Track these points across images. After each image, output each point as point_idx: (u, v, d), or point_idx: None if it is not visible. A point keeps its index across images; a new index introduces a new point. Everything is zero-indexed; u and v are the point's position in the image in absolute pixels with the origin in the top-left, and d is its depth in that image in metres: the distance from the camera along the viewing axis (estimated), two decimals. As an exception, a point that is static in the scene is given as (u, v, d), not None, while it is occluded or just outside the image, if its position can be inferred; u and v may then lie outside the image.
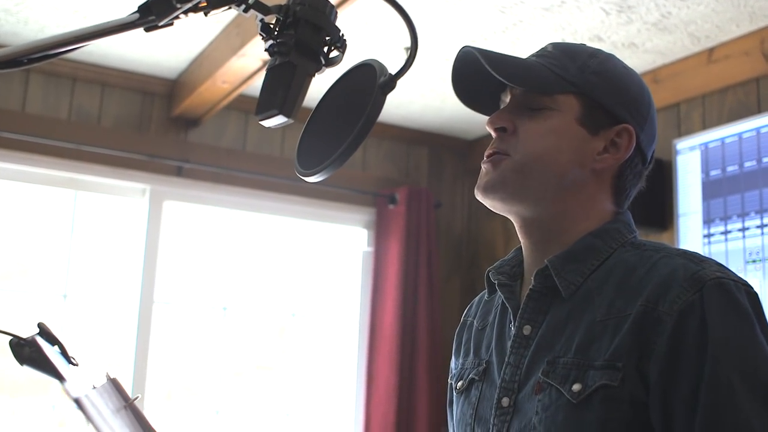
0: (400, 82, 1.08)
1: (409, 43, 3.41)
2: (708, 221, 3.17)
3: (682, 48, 3.37)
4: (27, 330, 1.14)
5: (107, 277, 3.90)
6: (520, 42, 3.37)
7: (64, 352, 1.05)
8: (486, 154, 1.29)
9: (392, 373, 4.10)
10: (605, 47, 3.36)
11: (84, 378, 1.03)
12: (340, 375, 4.36)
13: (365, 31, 3.32)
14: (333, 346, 4.41)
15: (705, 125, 3.36)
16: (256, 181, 4.10)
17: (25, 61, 1.01)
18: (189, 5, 0.97)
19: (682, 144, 3.32)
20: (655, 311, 1.11)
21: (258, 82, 3.64)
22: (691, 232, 3.22)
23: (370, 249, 4.39)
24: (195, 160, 3.96)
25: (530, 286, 1.25)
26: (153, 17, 1.03)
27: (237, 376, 4.14)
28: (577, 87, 1.25)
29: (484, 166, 1.28)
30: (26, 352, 0.93)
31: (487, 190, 1.27)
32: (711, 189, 3.17)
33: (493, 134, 1.29)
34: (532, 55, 1.32)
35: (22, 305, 3.79)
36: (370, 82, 1.09)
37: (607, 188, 1.29)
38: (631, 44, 3.35)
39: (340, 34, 1.13)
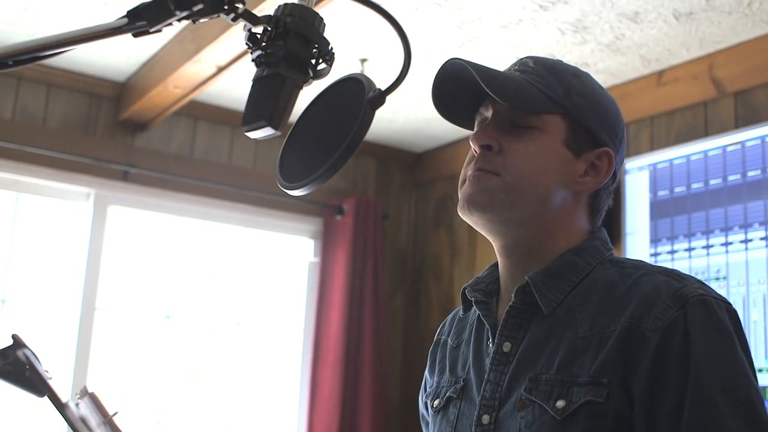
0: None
1: (364, 55, 3.39)
2: (655, 240, 3.22)
3: (633, 69, 3.43)
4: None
5: (48, 282, 3.80)
6: (475, 58, 3.39)
7: (39, 362, 1.01)
8: (470, 172, 1.27)
9: (336, 384, 4.08)
10: (558, 66, 3.40)
11: (61, 392, 0.99)
12: (284, 385, 4.32)
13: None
14: (277, 356, 4.36)
15: (653, 146, 3.42)
16: (203, 187, 4.05)
17: (11, 63, 0.98)
18: (187, 13, 0.95)
19: (631, 164, 3.37)
20: (639, 327, 1.12)
21: (210, 88, 3.61)
22: (638, 251, 3.27)
23: (317, 259, 4.37)
24: (141, 165, 3.90)
25: (510, 303, 1.25)
26: (143, 23, 1.01)
27: (178, 385, 4.07)
28: (564, 108, 1.25)
29: (469, 182, 1.26)
30: (8, 369, 0.90)
31: (475, 209, 1.25)
32: (659, 209, 3.23)
33: (477, 150, 1.27)
34: (515, 69, 1.31)
35: (-43, 309, 3.67)
36: (358, 97, 1.08)
37: (584, 207, 1.30)
38: (584, 64, 3.40)
39: (329, 47, 1.12)
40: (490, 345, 1.27)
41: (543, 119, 1.25)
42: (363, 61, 3.47)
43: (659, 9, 2.92)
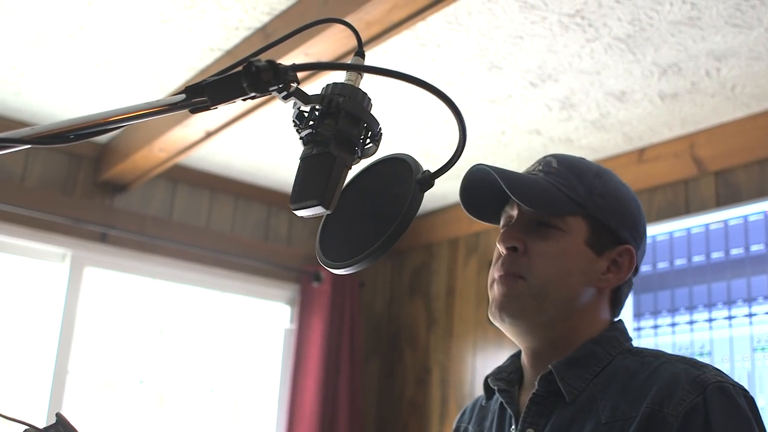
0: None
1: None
2: (638, 315, 3.25)
3: (615, 146, 3.50)
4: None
5: (21, 343, 3.71)
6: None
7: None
8: (498, 274, 1.32)
9: (310, 454, 4.01)
10: (542, 141, 3.47)
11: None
12: (255, 454, 4.24)
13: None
14: (252, 423, 4.29)
15: (634, 222, 3.47)
16: (181, 251, 4.01)
17: (72, 137, 0.98)
18: (261, 93, 0.95)
19: (613, 239, 3.42)
20: (661, 413, 1.15)
21: (197, 152, 3.61)
22: (620, 325, 3.29)
23: (293, 326, 4.33)
24: (120, 226, 3.86)
25: (533, 390, 1.28)
26: (204, 99, 1.01)
27: (148, 453, 3.98)
28: (586, 210, 1.30)
29: (497, 287, 1.31)
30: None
31: (507, 315, 1.29)
32: (642, 284, 3.27)
33: (503, 252, 1.31)
34: (539, 171, 1.35)
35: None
36: (405, 178, 1.09)
37: (606, 301, 1.35)
38: (567, 139, 3.46)
39: (378, 127, 1.14)
40: (513, 431, 1.28)
41: (566, 220, 1.30)
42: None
43: (645, 90, 3.00)
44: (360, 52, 1.22)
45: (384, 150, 1.11)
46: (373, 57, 2.88)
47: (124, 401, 3.92)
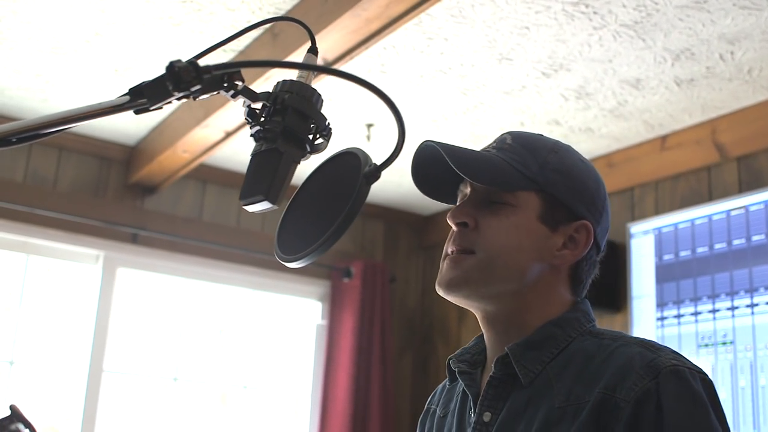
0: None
1: (370, 120, 3.45)
2: (661, 305, 3.22)
3: (636, 134, 3.47)
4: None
5: (56, 344, 3.81)
6: (480, 123, 3.44)
7: (35, 435, 1.03)
8: (448, 250, 1.30)
9: (343, 448, 4.05)
10: (563, 131, 3.45)
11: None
12: (290, 449, 4.29)
13: (328, 108, 3.36)
14: (285, 419, 4.34)
15: (658, 210, 3.44)
16: (212, 250, 4.07)
17: (14, 140, 1.01)
18: (184, 93, 0.98)
19: (636, 228, 3.39)
20: (613, 398, 1.13)
21: (219, 152, 3.66)
22: (644, 315, 3.27)
23: (324, 322, 4.37)
24: (151, 227, 3.93)
25: (490, 373, 1.27)
26: (144, 100, 1.04)
27: (184, 449, 4.05)
28: (538, 184, 1.27)
29: (445, 263, 1.30)
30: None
31: (451, 288, 1.28)
32: (664, 273, 3.23)
33: (454, 228, 1.30)
34: (492, 147, 1.33)
35: (-35, 371, 3.69)
36: (354, 171, 1.10)
37: (564, 279, 1.31)
38: (588, 129, 3.44)
39: (326, 122, 1.15)
40: (472, 414, 1.27)
41: (517, 196, 1.27)
42: (369, 126, 3.52)
43: (660, 76, 2.96)
44: (312, 49, 1.24)
45: (407, 146, 1.11)
46: (382, 53, 2.90)
47: (158, 399, 4.00)
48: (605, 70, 2.94)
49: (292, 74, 1.19)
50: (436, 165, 1.33)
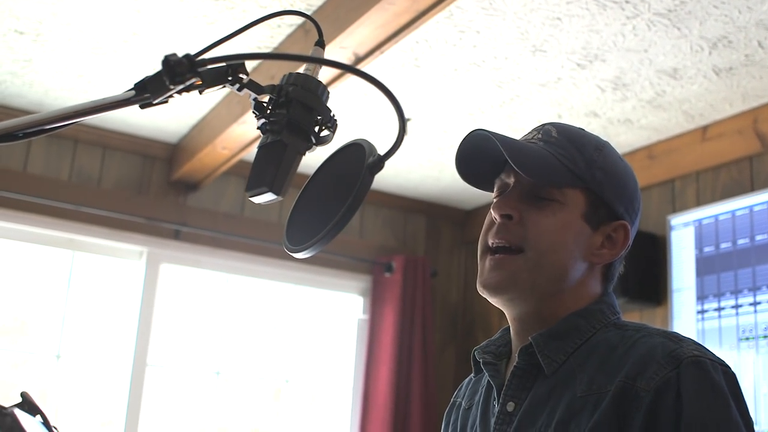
0: (399, 151, 1.10)
1: (407, 114, 3.44)
2: (702, 297, 3.17)
3: (676, 125, 3.42)
4: (13, 394, 1.14)
5: (101, 338, 3.89)
6: (517, 116, 3.42)
7: (46, 422, 1.05)
8: (490, 241, 1.29)
9: (384, 442, 4.07)
10: (601, 123, 3.41)
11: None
12: (332, 443, 4.32)
13: (363, 103, 3.37)
14: (326, 413, 4.37)
15: (699, 202, 3.39)
16: (253, 246, 4.11)
17: (21, 135, 1.04)
18: (181, 87, 1.00)
19: (677, 220, 3.34)
20: (634, 387, 1.13)
21: (258, 148, 3.69)
22: (685, 308, 3.22)
23: (366, 316, 4.39)
24: (193, 224, 3.99)
25: (514, 363, 1.26)
26: (148, 95, 1.06)
27: (228, 442, 4.10)
28: (585, 183, 1.27)
29: (489, 263, 1.29)
30: (8, 421, 0.93)
31: (498, 291, 1.27)
32: (705, 265, 3.19)
33: (498, 219, 1.29)
34: (538, 138, 1.32)
35: (15, 364, 3.78)
36: (359, 162, 1.10)
37: (597, 276, 1.32)
38: (627, 120, 3.40)
39: (331, 114, 1.16)
40: (496, 405, 1.28)
41: (564, 192, 1.27)
42: (407, 120, 3.52)
43: (698, 65, 2.92)
44: (320, 42, 1.24)
45: (442, 138, 1.11)
46: (414, 47, 2.90)
47: (200, 392, 4.06)
48: (641, 60, 2.91)
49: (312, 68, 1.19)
50: (479, 151, 1.32)
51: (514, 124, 3.49)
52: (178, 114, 3.65)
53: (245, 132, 3.38)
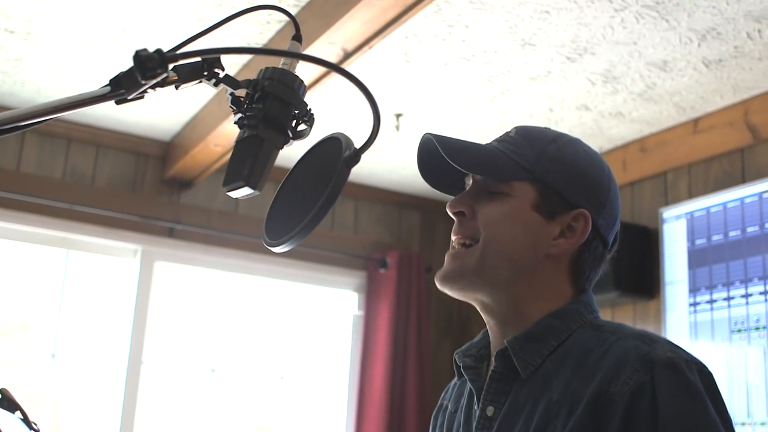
0: (393, 147, 1.11)
1: (399, 110, 3.45)
2: (694, 290, 3.17)
3: (668, 117, 3.42)
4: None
5: (96, 337, 3.90)
6: (508, 110, 3.42)
7: (25, 419, 1.05)
8: (452, 241, 1.32)
9: (380, 438, 4.07)
10: (592, 116, 3.41)
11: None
12: (329, 439, 4.33)
13: (356, 98, 3.37)
14: (322, 410, 4.38)
15: (691, 194, 3.39)
16: (248, 243, 4.11)
17: (-1, 130, 1.04)
18: (153, 82, 1.00)
19: (669, 212, 3.34)
20: (608, 392, 1.12)
21: (250, 145, 3.68)
22: (677, 301, 3.23)
23: (361, 312, 4.39)
24: (187, 221, 3.99)
25: (492, 367, 1.27)
26: (122, 90, 1.06)
27: (224, 439, 4.11)
28: (532, 174, 1.27)
29: (447, 258, 1.31)
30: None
31: (446, 281, 1.30)
32: (697, 258, 3.19)
33: (453, 218, 1.32)
34: (495, 140, 1.35)
35: (10, 363, 3.79)
36: (336, 156, 1.11)
37: (564, 271, 1.30)
38: (618, 113, 3.40)
39: (308, 109, 1.16)
40: (477, 409, 1.28)
41: (511, 186, 1.27)
42: (398, 116, 3.52)
43: (687, 57, 2.92)
44: (297, 37, 1.25)
45: (438, 133, 1.12)
46: (404, 42, 2.90)
47: (196, 390, 4.06)
48: (630, 53, 2.91)
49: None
50: (439, 158, 1.33)
51: (506, 118, 3.49)
52: (170, 112, 3.65)
53: (237, 129, 3.36)
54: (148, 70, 0.98)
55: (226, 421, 4.11)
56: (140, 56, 0.98)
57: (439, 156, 1.32)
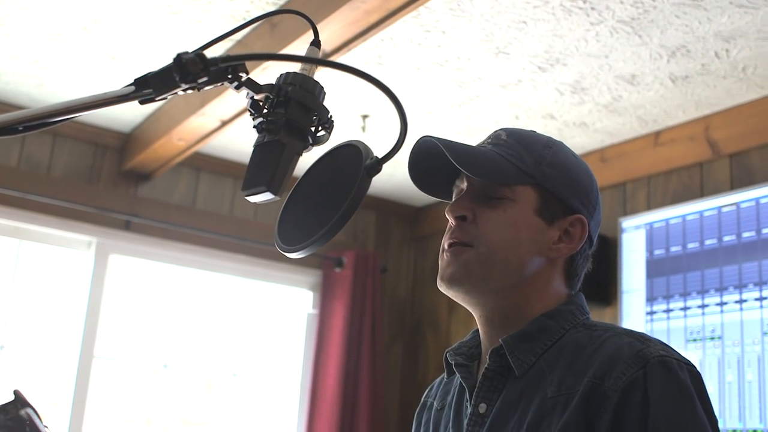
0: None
1: (365, 111, 3.44)
2: (651, 299, 3.25)
3: (630, 130, 3.49)
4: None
5: (47, 329, 3.82)
6: (475, 116, 3.45)
7: (39, 420, 1.04)
8: (446, 242, 1.32)
9: (332, 437, 4.07)
10: (557, 125, 3.46)
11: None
12: (279, 437, 4.31)
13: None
14: (274, 407, 4.36)
15: (650, 205, 3.46)
16: (204, 238, 4.08)
17: (21, 128, 1.02)
18: (192, 84, 0.99)
19: (628, 222, 3.41)
20: (601, 387, 1.15)
21: (214, 140, 3.66)
22: (634, 309, 3.29)
23: (315, 311, 4.39)
24: (144, 214, 3.94)
25: (485, 365, 1.29)
26: (149, 91, 1.05)
27: (174, 436, 4.07)
28: (535, 179, 1.30)
29: (446, 256, 1.31)
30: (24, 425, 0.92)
31: (453, 282, 1.30)
32: (655, 268, 3.26)
33: (453, 222, 1.32)
34: (488, 143, 1.36)
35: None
36: (356, 164, 1.11)
37: (560, 272, 1.33)
38: (582, 123, 3.45)
39: (329, 115, 1.16)
40: (468, 407, 1.29)
41: (514, 190, 1.30)
42: (365, 117, 3.53)
43: (655, 72, 2.98)
44: (315, 42, 1.24)
45: (396, 136, 1.12)
46: (379, 45, 2.91)
47: (148, 385, 4.01)
48: (601, 66, 2.96)
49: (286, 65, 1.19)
50: (432, 160, 1.35)
51: (472, 123, 3.52)
52: (132, 103, 3.58)
53: (203, 124, 3.34)
54: (190, 74, 0.97)
55: (176, 417, 4.07)
56: (183, 59, 0.96)
57: (432, 159, 1.34)
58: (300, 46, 2.59)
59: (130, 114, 3.72)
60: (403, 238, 4.80)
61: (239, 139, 3.90)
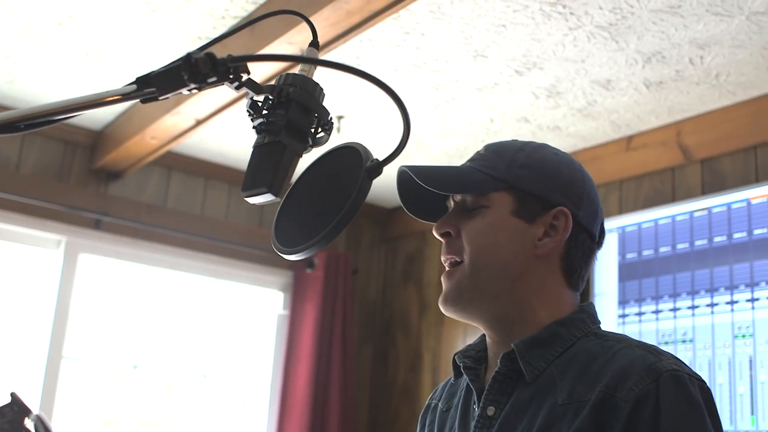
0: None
1: (340, 112, 3.42)
2: (623, 302, 3.28)
3: (603, 134, 3.52)
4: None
5: (14, 329, 3.76)
6: (449, 118, 3.46)
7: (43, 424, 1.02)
8: (443, 261, 1.37)
9: (302, 438, 4.06)
10: (531, 129, 3.49)
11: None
12: (248, 439, 4.29)
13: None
14: (244, 409, 4.34)
15: (621, 209, 3.50)
16: (175, 238, 4.05)
17: (22, 126, 1.01)
18: (200, 84, 0.98)
19: (600, 226, 3.44)
20: (613, 398, 1.16)
21: (190, 140, 3.64)
22: (606, 312, 3.32)
23: (286, 312, 4.38)
24: (114, 213, 3.90)
25: (496, 369, 1.29)
26: (152, 90, 1.04)
27: (142, 437, 4.03)
28: (506, 182, 1.32)
29: (442, 280, 1.36)
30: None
31: (447, 303, 1.34)
32: (627, 271, 3.29)
33: (441, 240, 1.36)
34: (467, 161, 1.40)
35: None
36: (355, 166, 1.11)
37: (556, 271, 1.33)
38: (556, 127, 3.48)
39: (329, 117, 1.16)
40: (476, 409, 1.30)
41: (489, 198, 1.33)
42: (340, 118, 3.52)
43: (630, 78, 3.01)
44: (314, 43, 1.25)
45: (374, 137, 1.13)
46: (358, 46, 2.91)
47: (117, 386, 3.97)
48: (577, 70, 2.98)
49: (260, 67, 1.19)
50: (417, 189, 1.37)
51: (446, 125, 3.54)
52: (105, 101, 3.55)
53: (177, 123, 3.32)
54: (200, 74, 0.96)
55: (145, 418, 4.03)
56: (193, 59, 0.96)
57: (418, 187, 1.35)
58: (279, 46, 2.58)
59: (101, 111, 3.68)
60: (373, 239, 4.80)
61: (211, 139, 3.87)
